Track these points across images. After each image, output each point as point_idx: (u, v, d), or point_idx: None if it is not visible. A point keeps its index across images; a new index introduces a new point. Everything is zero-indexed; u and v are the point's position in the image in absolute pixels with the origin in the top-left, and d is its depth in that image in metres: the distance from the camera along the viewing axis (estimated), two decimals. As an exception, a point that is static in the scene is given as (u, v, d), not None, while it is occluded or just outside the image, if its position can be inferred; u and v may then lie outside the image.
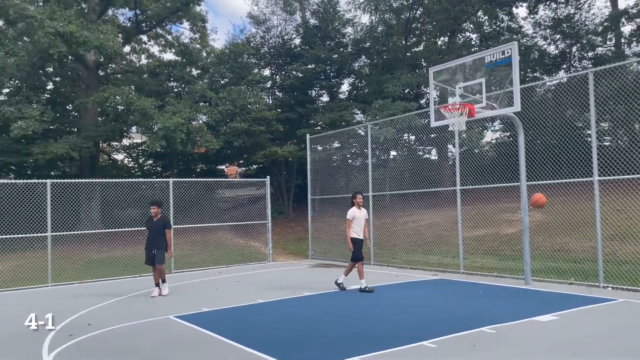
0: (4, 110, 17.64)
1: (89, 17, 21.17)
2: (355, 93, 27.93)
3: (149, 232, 9.93)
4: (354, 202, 9.84)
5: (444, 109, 9.69)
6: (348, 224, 9.71)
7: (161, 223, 9.95)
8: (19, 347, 6.49)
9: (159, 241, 9.85)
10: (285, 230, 22.50)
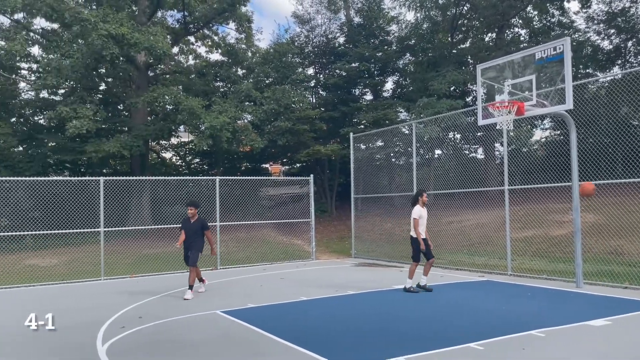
0: (60, 110, 18.39)
1: (139, 19, 21.83)
2: (400, 91, 27.69)
3: (187, 234, 9.74)
4: (420, 200, 9.59)
5: (491, 106, 9.49)
6: (415, 223, 9.42)
7: (198, 224, 9.76)
8: (75, 337, 6.77)
9: (195, 242, 9.67)
10: (328, 229, 22.57)
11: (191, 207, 9.75)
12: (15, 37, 19.56)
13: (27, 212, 18.58)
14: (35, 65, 23.59)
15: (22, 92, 23.56)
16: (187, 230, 9.71)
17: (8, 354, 6.05)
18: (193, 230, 9.67)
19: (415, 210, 9.48)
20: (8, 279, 12.49)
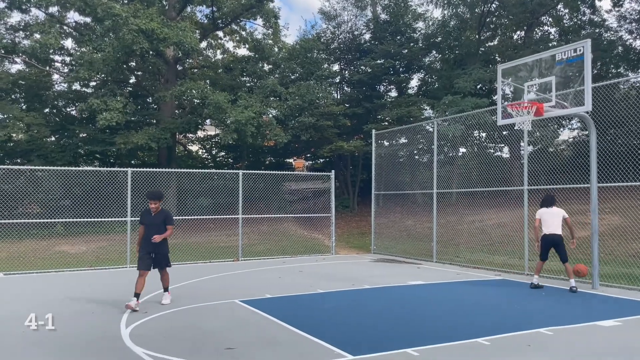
0: (91, 102, 18.97)
1: (169, 14, 22.30)
2: (425, 88, 27.64)
3: (148, 229, 8.17)
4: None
5: (510, 107, 9.53)
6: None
7: (161, 217, 8.25)
8: (101, 321, 7.14)
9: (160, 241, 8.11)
10: (349, 224, 22.76)
11: (154, 201, 8.20)
12: (50, 31, 20.19)
13: (58, 200, 19.25)
14: (68, 58, 24.34)
15: (55, 84, 24.32)
16: (148, 225, 8.21)
17: (38, 333, 6.43)
18: (155, 224, 8.18)
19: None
20: (40, 264, 13.05)
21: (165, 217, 8.29)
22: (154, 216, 8.25)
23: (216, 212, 17.29)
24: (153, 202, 8.21)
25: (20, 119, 19.45)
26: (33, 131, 20.32)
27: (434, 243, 14.10)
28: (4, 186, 15.55)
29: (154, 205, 8.21)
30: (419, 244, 16.09)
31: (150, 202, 8.22)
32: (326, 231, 18.18)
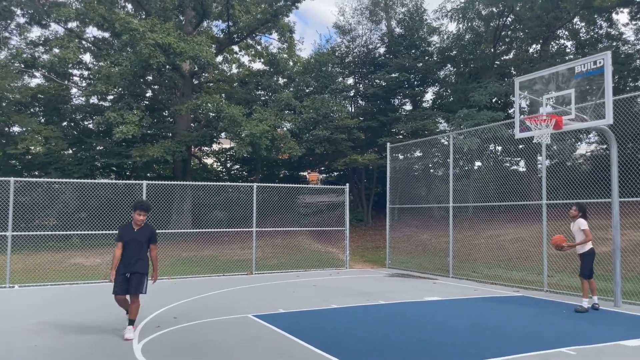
0: (108, 115, 19.16)
1: (185, 29, 22.55)
2: (440, 102, 27.53)
3: (128, 247, 7.01)
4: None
5: (529, 120, 9.40)
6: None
7: (146, 235, 7.11)
8: (113, 334, 7.08)
9: (140, 260, 7.04)
10: (364, 238, 22.59)
11: (142, 211, 7.08)
12: (69, 45, 20.50)
13: (74, 212, 19.40)
14: (86, 72, 24.69)
15: (73, 98, 24.66)
16: (129, 242, 7.02)
17: (50, 346, 6.39)
18: (138, 242, 7.04)
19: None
20: (55, 276, 13.09)
21: (150, 234, 7.14)
22: (137, 232, 7.06)
23: (230, 225, 17.27)
24: (142, 214, 7.06)
25: (39, 132, 19.70)
26: (51, 144, 20.56)
27: (450, 258, 13.89)
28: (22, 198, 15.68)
29: (142, 217, 7.06)
30: (435, 258, 15.87)
31: (139, 214, 7.05)
32: (340, 245, 18.04)
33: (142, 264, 7.04)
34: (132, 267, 6.97)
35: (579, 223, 9.02)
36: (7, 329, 7.37)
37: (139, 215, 7.05)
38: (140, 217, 7.05)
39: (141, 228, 7.11)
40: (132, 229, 7.10)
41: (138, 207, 7.09)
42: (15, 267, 13.01)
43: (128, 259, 6.99)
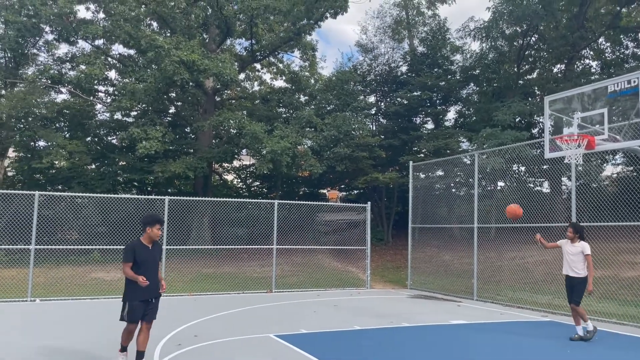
0: (132, 131, 19.35)
1: (209, 46, 22.82)
2: (462, 121, 27.31)
3: (144, 267, 6.10)
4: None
5: (560, 139, 9.18)
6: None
7: (158, 252, 6.44)
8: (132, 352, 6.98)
9: (156, 279, 6.27)
10: (384, 258, 22.29)
11: (161, 226, 6.41)
12: (95, 62, 20.86)
13: (95, 227, 19.52)
14: (111, 88, 25.07)
15: (97, 113, 25.02)
16: (145, 262, 6.14)
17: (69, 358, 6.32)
18: (154, 260, 6.30)
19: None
20: (76, 291, 13.10)
21: (160, 250, 6.49)
22: (151, 249, 6.24)
23: (250, 242, 17.18)
24: (160, 228, 6.33)
25: (63, 147, 19.95)
26: (75, 159, 20.81)
27: (475, 280, 13.57)
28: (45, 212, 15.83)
29: (159, 231, 6.30)
30: (458, 280, 15.54)
31: (159, 229, 6.29)
32: (360, 264, 17.80)
33: (157, 285, 6.28)
34: (155, 292, 6.22)
35: (583, 247, 8.36)
36: (26, 344, 7.32)
37: (158, 230, 6.25)
38: (159, 232, 6.30)
39: (153, 245, 6.29)
40: (146, 246, 6.21)
41: (158, 220, 6.31)
42: (37, 281, 13.06)
43: (151, 279, 6.09)
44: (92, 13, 23.30)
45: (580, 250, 8.35)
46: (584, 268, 8.30)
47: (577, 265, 8.34)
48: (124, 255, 6.07)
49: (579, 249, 8.36)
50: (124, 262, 6.04)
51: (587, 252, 8.29)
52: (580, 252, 8.33)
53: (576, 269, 8.34)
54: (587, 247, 8.35)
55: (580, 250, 8.35)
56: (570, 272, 8.41)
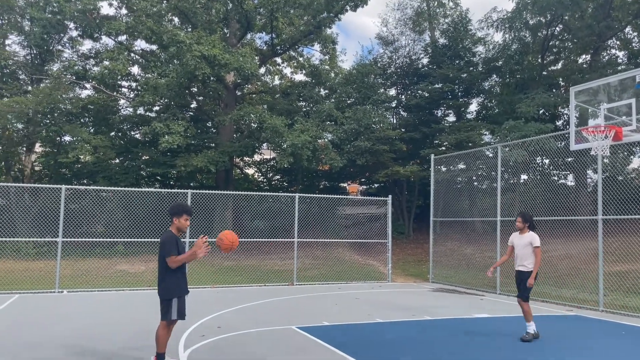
0: (155, 125, 19.57)
1: (230, 41, 22.92)
2: (484, 113, 27.01)
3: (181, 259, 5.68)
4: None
5: (586, 131, 9.01)
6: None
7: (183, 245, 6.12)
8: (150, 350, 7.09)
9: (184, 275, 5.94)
10: (405, 251, 22.22)
11: (188, 215, 5.95)
12: (118, 58, 21.14)
13: (120, 220, 19.83)
14: (134, 83, 25.38)
15: (121, 109, 25.37)
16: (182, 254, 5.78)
17: (98, 352, 6.45)
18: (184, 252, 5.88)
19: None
20: (101, 282, 13.36)
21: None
22: (181, 242, 5.92)
23: (271, 235, 17.29)
24: (188, 219, 5.92)
25: (88, 142, 20.29)
26: (99, 153, 21.15)
27: (498, 273, 13.44)
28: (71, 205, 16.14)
29: (187, 222, 5.93)
30: (480, 273, 15.38)
31: (185, 219, 5.87)
32: (381, 257, 17.78)
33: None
34: (186, 288, 5.94)
35: (532, 238, 7.62)
36: (56, 334, 7.50)
37: (186, 221, 5.87)
38: (187, 223, 5.92)
39: (179, 237, 5.92)
40: (179, 238, 5.85)
41: (185, 210, 5.87)
42: (64, 273, 13.34)
43: (184, 276, 5.81)
44: (114, 9, 23.58)
45: (529, 241, 7.63)
46: (533, 262, 7.59)
47: (527, 258, 7.62)
48: (167, 248, 5.59)
49: (528, 240, 7.64)
50: (168, 255, 5.57)
51: (536, 244, 7.56)
52: (529, 244, 7.60)
53: (526, 262, 7.63)
54: (536, 238, 7.61)
55: (529, 242, 7.63)
56: (520, 266, 7.70)
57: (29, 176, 23.30)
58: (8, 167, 23.20)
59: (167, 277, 5.70)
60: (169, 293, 5.69)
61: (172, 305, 5.68)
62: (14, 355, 6.25)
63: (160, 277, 5.75)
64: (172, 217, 5.86)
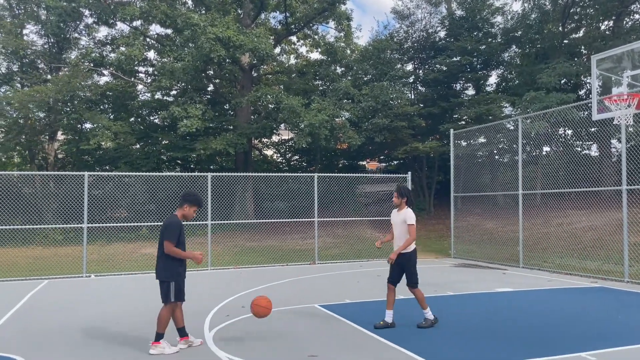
0: (173, 110, 19.70)
1: (244, 22, 22.80)
2: (504, 85, 26.51)
3: (183, 246, 5.97)
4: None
5: (608, 100, 8.79)
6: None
7: None
8: (186, 323, 7.24)
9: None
10: (426, 228, 22.17)
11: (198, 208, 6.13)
12: (134, 43, 21.22)
13: (143, 204, 20.15)
14: (150, 68, 25.50)
15: (139, 94, 25.55)
16: (184, 242, 6.02)
17: (127, 333, 6.62)
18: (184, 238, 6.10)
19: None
20: (127, 266, 13.64)
21: None
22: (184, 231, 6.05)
23: (291, 216, 17.39)
24: (196, 212, 6.10)
25: (109, 128, 20.55)
26: (120, 139, 21.42)
27: (520, 247, 13.35)
28: (95, 191, 16.43)
29: (194, 214, 6.11)
30: (503, 248, 15.33)
31: (194, 211, 6.04)
32: (403, 234, 17.75)
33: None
34: (184, 272, 6.06)
35: (406, 215, 6.75)
36: (85, 317, 7.70)
37: (195, 212, 6.04)
38: (195, 215, 6.10)
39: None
40: (182, 227, 5.99)
41: (199, 203, 6.04)
42: (91, 258, 13.66)
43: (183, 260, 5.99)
44: (128, -6, 23.63)
45: (403, 218, 6.76)
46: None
47: (403, 237, 6.79)
48: (171, 233, 5.74)
49: (403, 217, 6.77)
50: (169, 240, 5.72)
51: (410, 221, 6.70)
52: (404, 221, 6.75)
53: (401, 242, 6.81)
54: (410, 215, 6.74)
55: (403, 219, 6.76)
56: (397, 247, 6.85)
57: (53, 164, 23.74)
58: (32, 155, 23.65)
59: (166, 259, 5.82)
60: (168, 275, 5.83)
61: (170, 287, 5.83)
62: (44, 338, 6.45)
63: (161, 258, 5.87)
64: (184, 204, 5.97)
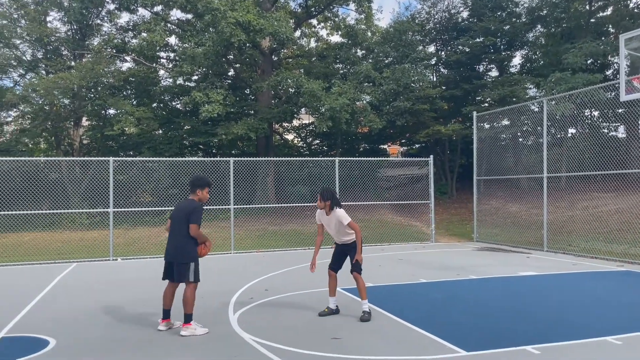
0: (194, 95, 19.80)
1: (264, 5, 22.68)
2: (529, 66, 25.98)
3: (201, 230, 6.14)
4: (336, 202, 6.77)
5: (637, 80, 8.57)
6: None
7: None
8: (211, 306, 7.37)
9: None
10: (448, 211, 22.04)
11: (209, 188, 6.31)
12: (155, 29, 21.31)
13: (166, 189, 20.42)
14: (172, 54, 25.62)
15: (161, 80, 25.73)
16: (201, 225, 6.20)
17: (155, 315, 6.76)
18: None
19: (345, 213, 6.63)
20: (153, 250, 13.89)
21: None
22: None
23: (312, 200, 17.43)
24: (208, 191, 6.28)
25: (132, 114, 20.78)
26: (143, 125, 21.65)
27: (545, 231, 13.19)
28: (120, 177, 16.69)
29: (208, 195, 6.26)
30: (526, 231, 15.17)
31: (207, 191, 6.23)
32: (424, 218, 17.71)
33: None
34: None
35: (339, 217, 6.53)
36: (113, 300, 7.89)
37: (207, 193, 6.21)
38: (208, 195, 6.23)
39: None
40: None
41: (208, 183, 6.21)
42: (117, 241, 13.93)
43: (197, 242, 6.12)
44: (149, -21, 23.65)
45: (337, 220, 6.59)
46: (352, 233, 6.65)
47: (345, 235, 6.75)
48: (197, 216, 5.91)
49: (336, 220, 6.61)
50: (196, 223, 5.89)
51: (346, 221, 6.51)
52: (340, 223, 6.59)
53: (345, 238, 6.78)
54: (343, 216, 6.53)
55: (337, 221, 6.59)
56: (340, 241, 6.88)
57: (78, 150, 24.15)
58: (58, 141, 24.09)
59: (189, 241, 5.99)
60: (189, 257, 6.01)
61: (190, 268, 5.99)
62: (74, 319, 6.64)
63: (182, 240, 5.99)
64: (196, 189, 6.13)
